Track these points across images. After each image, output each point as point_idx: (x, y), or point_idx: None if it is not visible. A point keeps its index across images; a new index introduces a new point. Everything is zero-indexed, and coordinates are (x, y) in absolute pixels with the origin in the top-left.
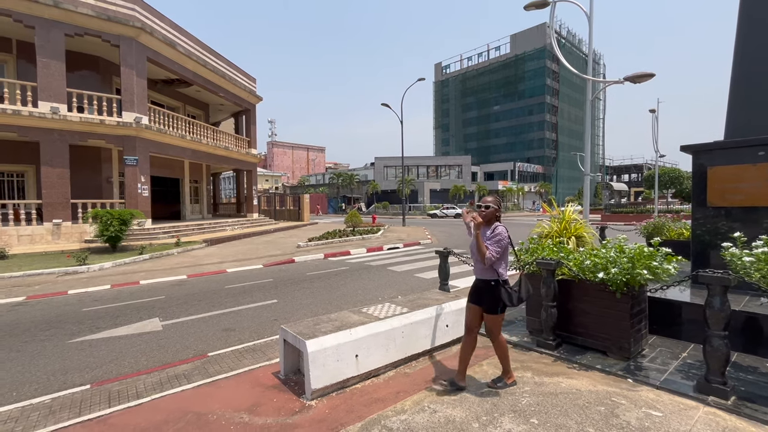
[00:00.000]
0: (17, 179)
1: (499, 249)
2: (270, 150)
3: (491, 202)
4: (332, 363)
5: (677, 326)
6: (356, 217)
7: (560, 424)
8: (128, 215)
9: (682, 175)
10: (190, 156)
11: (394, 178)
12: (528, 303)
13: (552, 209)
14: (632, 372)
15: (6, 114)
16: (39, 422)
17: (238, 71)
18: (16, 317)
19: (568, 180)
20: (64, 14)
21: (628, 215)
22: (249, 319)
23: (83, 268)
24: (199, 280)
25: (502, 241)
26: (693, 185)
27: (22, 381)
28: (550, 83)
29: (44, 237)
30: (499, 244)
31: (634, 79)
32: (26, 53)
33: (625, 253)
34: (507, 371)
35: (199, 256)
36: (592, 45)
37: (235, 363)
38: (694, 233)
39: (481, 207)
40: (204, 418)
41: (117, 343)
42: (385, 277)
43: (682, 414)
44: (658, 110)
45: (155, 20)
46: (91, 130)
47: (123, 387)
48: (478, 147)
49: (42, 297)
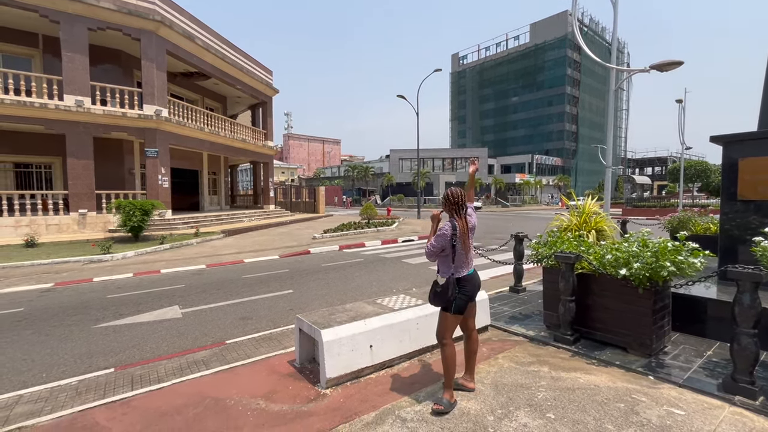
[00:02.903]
0: (45, 170)
1: (435, 243)
2: (286, 142)
3: (446, 195)
4: (347, 353)
5: (702, 323)
6: (371, 210)
7: (578, 420)
8: (149, 206)
9: (709, 168)
10: (208, 148)
11: (409, 170)
12: (545, 297)
13: (572, 201)
14: (653, 369)
15: (34, 107)
16: (66, 403)
17: (255, 63)
18: (45, 302)
19: (588, 173)
20: (87, 9)
21: (650, 209)
22: (265, 308)
23: (107, 257)
24: (217, 270)
25: (440, 237)
26: (722, 178)
27: (51, 363)
28: (570, 73)
29: (71, 226)
30: (437, 239)
31: (660, 67)
32: (52, 48)
33: (649, 247)
34: (446, 386)
35: (217, 246)
36: (617, 32)
37: (252, 351)
38: (723, 228)
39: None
40: (222, 403)
41: (139, 329)
42: (399, 269)
43: (706, 413)
44: (686, 100)
45: (174, 13)
46: (114, 123)
47: (145, 371)
48: (495, 139)
49: (69, 284)
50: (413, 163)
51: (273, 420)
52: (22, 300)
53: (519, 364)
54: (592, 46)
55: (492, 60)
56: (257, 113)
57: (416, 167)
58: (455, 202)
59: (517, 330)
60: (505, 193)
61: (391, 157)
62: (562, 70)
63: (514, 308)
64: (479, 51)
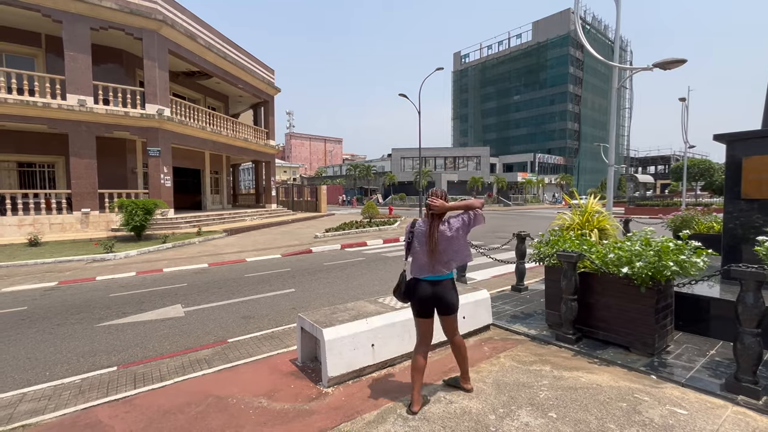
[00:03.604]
0: (48, 170)
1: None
2: (288, 141)
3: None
4: (349, 351)
5: (705, 323)
6: (373, 209)
7: (580, 419)
8: (152, 205)
9: (712, 166)
10: (210, 147)
11: (411, 169)
12: (547, 296)
13: (574, 200)
14: (656, 368)
15: (37, 107)
16: (70, 401)
17: (257, 63)
18: (49, 301)
19: (591, 172)
20: (90, 8)
21: (653, 208)
22: (267, 307)
23: (110, 256)
24: (219, 269)
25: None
26: (726, 176)
27: (54, 361)
28: (573, 72)
29: (73, 225)
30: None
31: (663, 65)
32: (54, 47)
33: (652, 246)
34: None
35: (219, 245)
36: (620, 30)
37: (254, 349)
38: (726, 227)
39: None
40: (224, 401)
41: (142, 328)
42: (401, 268)
43: (708, 413)
44: (689, 99)
45: (176, 13)
46: (116, 122)
47: (148, 370)
48: (498, 138)
49: (72, 282)
50: (415, 162)
51: (275, 418)
52: (25, 298)
53: (521, 363)
54: (594, 44)
55: (494, 58)
56: (259, 112)
57: (418, 166)
58: (427, 204)
59: (519, 329)
60: (507, 192)
61: (393, 156)
62: (565, 68)
63: (516, 307)
64: (481, 49)
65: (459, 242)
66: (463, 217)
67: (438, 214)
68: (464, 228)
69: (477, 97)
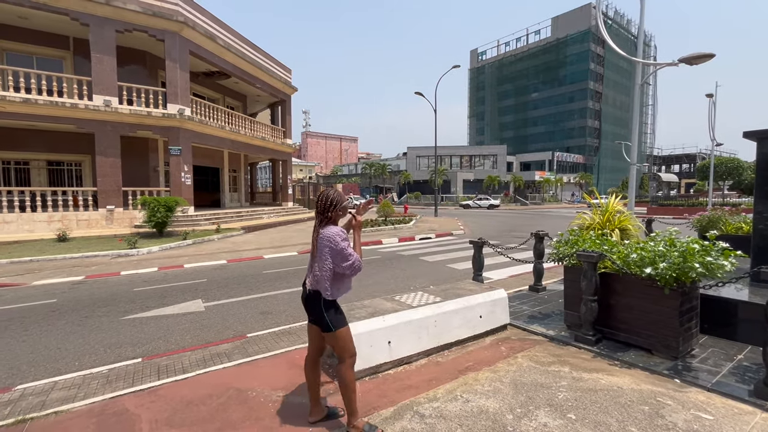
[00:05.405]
0: (75, 168)
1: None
2: (304, 140)
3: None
4: (365, 348)
5: (732, 326)
6: (388, 207)
7: (600, 422)
8: (173, 202)
9: (741, 165)
10: (229, 146)
11: (426, 168)
12: (566, 296)
13: (594, 199)
14: (680, 372)
15: (65, 107)
16: (98, 390)
17: (275, 62)
18: (77, 294)
19: (611, 170)
20: (115, 11)
21: (677, 208)
22: (285, 303)
23: (133, 252)
24: (238, 265)
25: None
26: (756, 175)
27: (83, 352)
28: (594, 68)
29: (99, 222)
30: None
31: (690, 60)
32: (82, 50)
33: (676, 246)
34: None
35: (237, 242)
36: (643, 25)
37: (273, 344)
38: (756, 227)
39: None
40: (244, 394)
41: (164, 322)
42: (417, 267)
43: (736, 419)
44: (716, 95)
45: (197, 14)
46: (140, 122)
47: (170, 362)
48: (515, 136)
49: (98, 277)
50: (430, 160)
51: (292, 412)
52: (55, 291)
53: (539, 363)
54: (617, 39)
55: (512, 55)
56: (276, 111)
57: (434, 165)
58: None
59: (537, 329)
60: (524, 191)
61: (409, 155)
62: (585, 64)
63: (533, 307)
64: (498, 46)
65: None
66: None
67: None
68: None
69: (494, 94)
